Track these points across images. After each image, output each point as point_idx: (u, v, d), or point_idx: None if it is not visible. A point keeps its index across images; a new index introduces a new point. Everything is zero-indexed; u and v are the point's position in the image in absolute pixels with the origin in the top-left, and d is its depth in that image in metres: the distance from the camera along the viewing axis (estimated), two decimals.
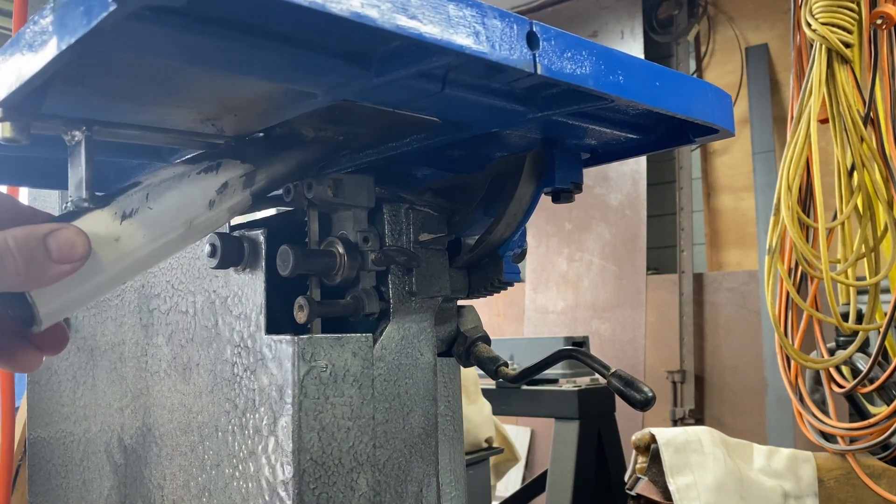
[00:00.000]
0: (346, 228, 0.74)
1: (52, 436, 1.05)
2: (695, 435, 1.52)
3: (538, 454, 4.44)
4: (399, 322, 0.74)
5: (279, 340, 0.67)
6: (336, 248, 0.71)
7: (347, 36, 0.52)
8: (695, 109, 0.68)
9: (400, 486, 0.72)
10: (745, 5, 4.28)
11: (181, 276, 0.83)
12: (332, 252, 0.71)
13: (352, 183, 0.72)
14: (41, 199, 1.14)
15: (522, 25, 0.53)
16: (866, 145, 1.55)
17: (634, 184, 4.36)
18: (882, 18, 1.58)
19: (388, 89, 0.58)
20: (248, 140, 0.69)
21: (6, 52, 0.53)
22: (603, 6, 4.66)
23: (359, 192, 0.73)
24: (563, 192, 0.78)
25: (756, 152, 4.07)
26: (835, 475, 1.56)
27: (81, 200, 0.59)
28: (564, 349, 0.80)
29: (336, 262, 0.71)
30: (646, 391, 0.71)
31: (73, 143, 0.60)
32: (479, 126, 0.69)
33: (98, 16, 0.41)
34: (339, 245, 0.72)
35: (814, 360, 1.67)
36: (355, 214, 0.73)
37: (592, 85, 0.57)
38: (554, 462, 2.39)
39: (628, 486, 1.53)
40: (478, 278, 0.81)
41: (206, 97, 0.62)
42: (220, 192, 0.64)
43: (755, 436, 3.21)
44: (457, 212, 0.80)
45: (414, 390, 0.74)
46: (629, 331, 4.26)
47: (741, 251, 4.27)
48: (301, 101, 0.61)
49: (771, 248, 1.65)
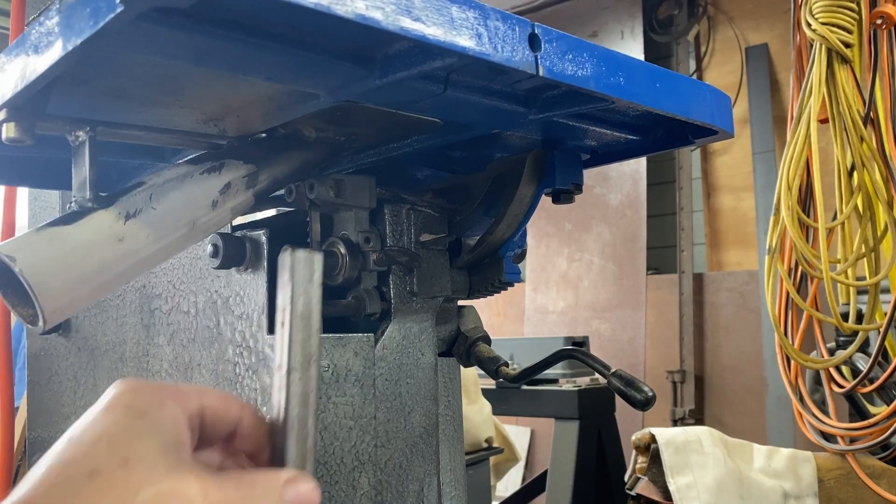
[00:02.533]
0: (347, 229, 0.74)
1: (52, 436, 1.05)
2: (695, 435, 1.52)
3: (538, 454, 4.44)
4: (400, 322, 0.74)
5: None
6: (338, 249, 0.71)
7: (351, 37, 0.52)
8: (694, 111, 0.68)
9: (401, 485, 0.73)
10: (745, 5, 4.28)
11: (183, 276, 0.83)
12: (334, 252, 0.71)
13: (353, 183, 0.73)
14: (41, 199, 1.14)
15: (524, 27, 0.53)
16: (866, 145, 1.55)
17: (634, 184, 4.36)
18: (882, 18, 1.58)
19: (391, 90, 0.58)
20: (250, 141, 0.69)
21: (11, 52, 0.53)
22: (603, 6, 4.66)
23: (360, 193, 0.73)
24: (563, 192, 0.79)
25: (756, 152, 4.07)
26: (835, 475, 1.56)
27: (85, 200, 0.59)
28: (564, 349, 0.80)
29: (338, 262, 0.71)
30: (646, 391, 0.71)
31: (76, 144, 0.60)
32: (481, 127, 0.69)
33: (105, 17, 0.41)
34: (340, 245, 0.72)
35: (814, 360, 1.67)
36: (357, 215, 0.74)
37: (593, 87, 0.57)
38: (554, 462, 2.39)
39: (628, 486, 1.53)
40: (478, 278, 0.81)
41: (209, 98, 0.63)
42: (223, 193, 0.65)
43: (755, 436, 3.21)
44: (458, 212, 0.81)
45: (415, 390, 0.75)
46: (629, 331, 4.26)
47: (741, 251, 4.27)
48: (304, 101, 0.61)
49: (771, 248, 1.66)
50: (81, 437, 0.44)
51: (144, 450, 0.43)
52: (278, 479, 0.47)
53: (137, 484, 0.42)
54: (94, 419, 0.45)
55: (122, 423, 0.44)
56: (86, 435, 0.44)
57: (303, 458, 0.50)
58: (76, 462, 0.42)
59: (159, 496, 0.42)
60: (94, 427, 0.44)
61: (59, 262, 0.56)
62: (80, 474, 0.42)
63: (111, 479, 0.42)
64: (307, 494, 0.48)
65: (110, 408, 0.45)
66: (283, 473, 0.48)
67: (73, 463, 0.42)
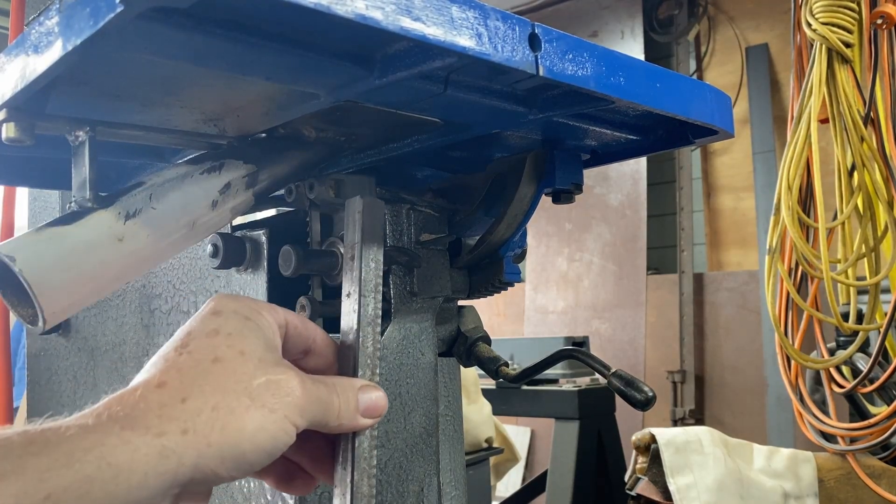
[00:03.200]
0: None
1: None
2: (695, 435, 1.52)
3: (538, 454, 4.44)
4: (400, 322, 0.74)
5: None
6: (337, 248, 0.71)
7: (351, 37, 0.52)
8: (694, 111, 0.68)
9: (401, 485, 0.73)
10: (745, 5, 4.28)
11: (183, 276, 0.83)
12: (334, 252, 0.71)
13: (353, 183, 0.73)
14: (41, 199, 1.14)
15: (524, 27, 0.53)
16: (866, 145, 1.55)
17: (634, 184, 4.36)
18: (882, 18, 1.58)
19: (391, 90, 0.58)
20: (250, 140, 0.69)
21: (11, 52, 0.53)
22: (603, 6, 4.67)
23: (360, 193, 0.73)
24: (563, 192, 0.79)
25: (756, 152, 4.07)
26: (835, 475, 1.56)
27: (85, 200, 0.59)
28: (565, 349, 0.80)
29: (338, 261, 0.71)
30: (646, 391, 0.71)
31: (76, 144, 0.60)
32: (481, 127, 0.69)
33: (105, 17, 0.41)
34: (340, 245, 0.72)
35: (814, 360, 1.67)
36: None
37: (594, 87, 0.57)
38: (554, 462, 2.40)
39: (628, 486, 1.53)
40: (478, 278, 0.81)
41: (209, 97, 0.63)
42: (222, 193, 0.65)
43: (755, 436, 3.21)
44: (458, 212, 0.81)
45: (415, 390, 0.75)
46: (629, 331, 4.27)
47: (741, 251, 4.27)
48: (304, 101, 0.61)
49: (771, 248, 1.66)
50: (199, 332, 0.52)
51: (255, 345, 0.52)
52: (354, 384, 0.56)
53: (252, 372, 0.50)
54: (204, 320, 0.53)
55: (233, 323, 0.52)
56: (203, 331, 0.52)
57: (373, 371, 0.58)
58: (200, 351, 0.50)
59: (269, 383, 0.50)
60: (208, 325, 0.52)
61: (59, 262, 0.56)
62: (206, 360, 0.50)
63: (232, 365, 0.50)
64: (378, 399, 0.56)
65: (218, 312, 0.53)
66: (357, 380, 0.56)
67: (197, 352, 0.50)
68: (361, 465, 0.56)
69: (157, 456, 0.45)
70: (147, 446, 0.45)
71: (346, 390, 0.55)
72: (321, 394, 0.53)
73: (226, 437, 0.47)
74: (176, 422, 0.46)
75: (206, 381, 0.49)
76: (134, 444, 0.45)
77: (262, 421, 0.49)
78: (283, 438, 0.50)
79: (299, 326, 0.58)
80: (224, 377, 0.49)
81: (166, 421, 0.46)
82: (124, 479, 0.43)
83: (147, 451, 0.45)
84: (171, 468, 0.45)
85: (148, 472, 0.44)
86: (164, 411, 0.47)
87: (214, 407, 0.48)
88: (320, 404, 0.52)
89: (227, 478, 0.48)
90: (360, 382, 0.56)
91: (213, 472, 0.47)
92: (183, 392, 0.48)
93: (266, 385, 0.50)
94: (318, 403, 0.52)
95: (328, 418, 0.53)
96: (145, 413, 0.46)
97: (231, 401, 0.48)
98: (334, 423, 0.54)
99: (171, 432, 0.46)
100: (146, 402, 0.47)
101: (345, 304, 0.59)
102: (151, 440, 0.45)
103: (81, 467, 0.42)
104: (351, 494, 0.55)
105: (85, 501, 0.42)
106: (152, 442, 0.45)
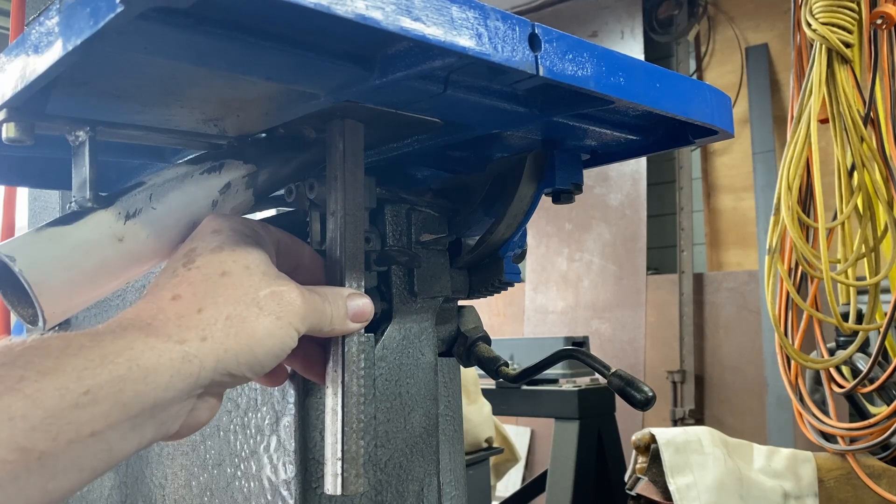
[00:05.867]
0: None
1: None
2: (695, 435, 1.52)
3: (538, 454, 4.44)
4: (400, 322, 0.74)
5: None
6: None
7: (351, 37, 0.52)
8: (694, 111, 0.68)
9: (401, 485, 0.73)
10: (745, 5, 4.28)
11: None
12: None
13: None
14: (41, 199, 1.14)
15: (524, 27, 0.53)
16: (866, 145, 1.55)
17: (634, 184, 4.36)
18: (882, 18, 1.58)
19: (391, 90, 0.58)
20: (250, 141, 0.69)
21: (11, 52, 0.53)
22: (603, 6, 4.67)
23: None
24: (563, 192, 0.78)
25: (756, 152, 4.07)
26: (835, 475, 1.56)
27: (85, 200, 0.59)
28: (565, 349, 0.80)
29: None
30: (646, 391, 0.71)
31: (76, 144, 0.60)
32: (481, 127, 0.69)
33: (105, 17, 0.41)
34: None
35: (814, 360, 1.67)
36: None
37: (594, 87, 0.57)
38: (554, 462, 2.40)
39: (628, 486, 1.53)
40: (478, 278, 0.81)
41: (209, 98, 0.63)
42: (222, 193, 0.65)
43: (755, 436, 3.21)
44: (458, 212, 0.81)
45: (415, 390, 0.75)
46: (629, 331, 4.27)
47: (741, 251, 4.27)
48: (304, 101, 0.61)
49: (771, 248, 1.66)
50: (203, 249, 0.55)
51: (257, 260, 0.56)
52: (343, 292, 0.60)
53: (258, 284, 0.54)
54: (205, 238, 0.56)
55: (235, 239, 0.56)
56: (207, 248, 0.55)
57: (358, 282, 0.63)
58: (208, 266, 0.54)
59: (274, 294, 0.54)
60: (212, 242, 0.56)
61: (59, 262, 0.56)
62: (215, 274, 0.54)
63: (239, 278, 0.54)
64: (365, 305, 0.61)
65: (217, 230, 0.57)
66: (345, 289, 0.61)
67: (205, 267, 0.54)
68: (351, 367, 0.60)
69: (180, 360, 0.49)
70: (171, 352, 0.49)
71: (337, 298, 0.59)
72: (316, 302, 0.57)
73: (240, 342, 0.51)
74: (195, 330, 0.50)
75: (218, 293, 0.53)
76: (159, 349, 0.48)
77: (271, 327, 0.53)
78: (288, 342, 0.54)
79: (290, 244, 0.63)
80: (233, 289, 0.53)
81: (185, 329, 0.50)
82: (152, 380, 0.47)
83: (171, 356, 0.49)
84: (193, 371, 0.49)
85: (173, 374, 0.48)
86: (182, 321, 0.51)
87: (228, 316, 0.52)
88: (316, 312, 0.57)
89: (241, 379, 0.53)
90: (347, 291, 0.61)
91: (230, 374, 0.51)
92: (197, 303, 0.52)
93: (271, 295, 0.54)
94: (314, 311, 0.56)
95: (322, 324, 0.58)
96: (165, 323, 0.50)
97: (242, 310, 0.52)
98: (327, 328, 0.58)
99: (191, 339, 0.50)
100: (164, 313, 0.51)
101: (330, 222, 0.63)
102: (174, 346, 0.49)
103: (114, 368, 0.46)
104: (342, 392, 0.60)
105: (118, 398, 0.46)
106: (175, 348, 0.49)
